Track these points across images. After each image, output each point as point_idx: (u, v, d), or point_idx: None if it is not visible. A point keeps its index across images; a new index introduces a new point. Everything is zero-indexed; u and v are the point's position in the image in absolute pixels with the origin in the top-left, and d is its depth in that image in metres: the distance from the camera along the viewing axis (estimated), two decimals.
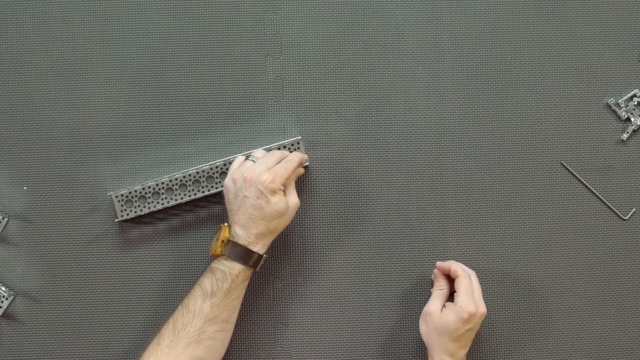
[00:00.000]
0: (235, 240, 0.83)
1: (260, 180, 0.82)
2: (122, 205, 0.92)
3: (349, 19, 0.96)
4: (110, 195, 0.92)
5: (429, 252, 0.95)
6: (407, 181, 0.95)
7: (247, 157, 0.89)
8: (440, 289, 0.88)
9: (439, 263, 0.88)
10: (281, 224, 0.85)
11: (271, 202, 0.82)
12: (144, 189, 0.92)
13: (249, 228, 0.83)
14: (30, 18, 0.95)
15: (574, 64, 0.96)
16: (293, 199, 0.86)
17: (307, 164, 0.94)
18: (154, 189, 0.93)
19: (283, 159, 0.87)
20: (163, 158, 0.95)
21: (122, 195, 0.92)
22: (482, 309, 0.84)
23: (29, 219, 0.94)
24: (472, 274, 0.87)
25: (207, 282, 0.83)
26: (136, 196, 0.92)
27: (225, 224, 0.86)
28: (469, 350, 0.86)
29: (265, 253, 0.85)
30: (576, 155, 0.96)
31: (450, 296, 0.88)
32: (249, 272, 0.84)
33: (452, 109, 0.96)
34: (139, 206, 0.92)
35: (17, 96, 0.95)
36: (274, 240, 0.94)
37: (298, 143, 0.93)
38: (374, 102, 0.96)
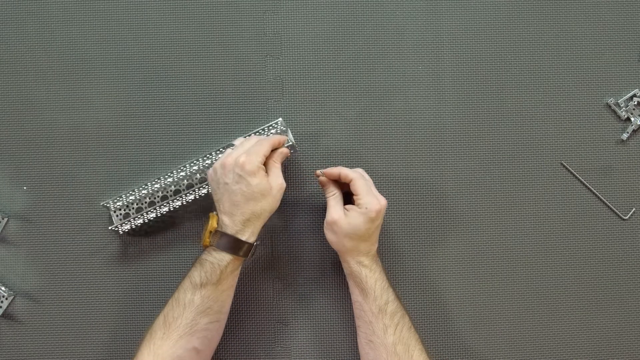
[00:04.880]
0: (223, 230, 0.82)
1: (238, 163, 0.81)
2: (118, 216, 0.92)
3: (349, 19, 0.96)
4: (108, 206, 0.92)
5: (429, 252, 0.95)
6: (407, 181, 0.96)
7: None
8: (332, 194, 0.87)
9: (325, 171, 0.87)
10: (267, 206, 0.83)
11: (252, 184, 0.81)
12: (140, 195, 0.92)
13: (234, 215, 0.82)
14: (30, 18, 0.95)
15: (574, 64, 0.96)
16: (276, 180, 0.83)
17: (291, 143, 0.92)
18: (150, 194, 0.92)
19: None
20: (163, 158, 0.95)
21: (118, 204, 0.92)
22: (383, 200, 0.84)
23: (29, 219, 0.94)
24: (361, 171, 0.87)
25: (196, 275, 0.82)
26: (133, 209, 0.92)
27: (214, 212, 0.85)
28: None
29: (257, 240, 0.84)
30: (576, 155, 0.96)
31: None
32: (238, 261, 0.83)
33: (452, 109, 0.96)
34: (134, 213, 0.92)
35: (17, 96, 0.95)
36: (274, 240, 0.94)
37: (277, 124, 0.92)
38: (374, 102, 0.96)
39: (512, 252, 0.95)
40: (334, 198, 0.86)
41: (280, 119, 0.93)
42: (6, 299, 0.93)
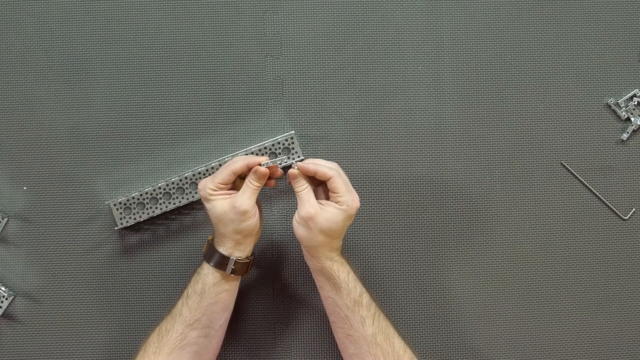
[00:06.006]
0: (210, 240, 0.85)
1: (198, 188, 0.83)
2: (120, 213, 0.92)
3: (349, 19, 0.96)
4: (108, 203, 0.93)
5: (429, 252, 0.95)
6: (407, 181, 0.95)
7: None
8: (305, 188, 0.81)
9: (300, 166, 0.81)
10: (226, 229, 0.81)
11: (207, 209, 0.82)
12: (141, 195, 0.92)
13: (214, 230, 0.84)
14: (30, 18, 0.95)
15: (574, 64, 0.96)
16: (235, 202, 0.80)
17: (303, 158, 0.93)
18: (151, 194, 0.93)
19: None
20: (163, 158, 0.95)
21: (119, 202, 0.92)
22: (357, 196, 0.82)
23: (29, 219, 0.94)
24: (336, 166, 0.83)
25: (187, 286, 0.83)
26: (134, 203, 0.92)
27: None
28: None
29: (240, 258, 0.83)
30: (576, 155, 0.96)
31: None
32: (217, 274, 0.82)
33: (452, 109, 0.96)
34: (137, 212, 0.92)
35: (17, 96, 0.95)
36: (274, 240, 0.94)
37: (292, 138, 0.93)
38: (374, 102, 0.96)
39: (512, 252, 0.95)
40: (306, 192, 0.81)
41: (292, 132, 0.93)
42: (6, 299, 0.93)
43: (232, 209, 0.80)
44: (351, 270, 0.83)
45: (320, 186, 0.84)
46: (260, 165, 0.81)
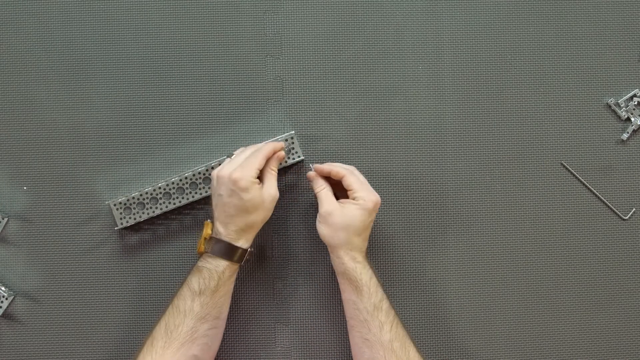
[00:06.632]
0: (217, 237, 0.84)
1: (231, 179, 0.82)
2: (120, 213, 0.92)
3: (349, 19, 0.96)
4: (108, 203, 0.93)
5: (429, 252, 0.95)
6: (407, 181, 0.96)
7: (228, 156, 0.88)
8: (323, 188, 0.86)
9: (317, 166, 0.87)
10: (259, 218, 0.83)
11: (244, 199, 0.81)
12: (141, 195, 0.92)
13: (228, 225, 0.83)
14: (30, 18, 0.95)
15: (574, 64, 0.96)
16: (269, 191, 0.84)
17: (302, 158, 0.93)
18: (151, 194, 0.92)
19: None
20: (163, 158, 0.95)
21: (119, 202, 0.92)
22: (378, 195, 0.85)
23: (29, 219, 0.94)
24: (353, 168, 0.88)
25: (194, 282, 0.83)
26: (134, 203, 0.92)
27: (209, 220, 0.86)
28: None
29: (251, 247, 0.85)
30: (576, 155, 0.96)
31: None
32: (234, 267, 0.84)
33: (452, 109, 0.96)
34: (137, 212, 0.92)
35: (17, 96, 0.95)
36: (274, 240, 0.94)
37: (292, 138, 0.93)
38: (374, 102, 0.96)
39: (512, 252, 0.95)
40: (325, 192, 0.86)
41: (292, 132, 0.93)
42: (6, 299, 0.93)
43: (269, 197, 0.83)
44: (374, 275, 0.85)
45: (343, 190, 0.87)
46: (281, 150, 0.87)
